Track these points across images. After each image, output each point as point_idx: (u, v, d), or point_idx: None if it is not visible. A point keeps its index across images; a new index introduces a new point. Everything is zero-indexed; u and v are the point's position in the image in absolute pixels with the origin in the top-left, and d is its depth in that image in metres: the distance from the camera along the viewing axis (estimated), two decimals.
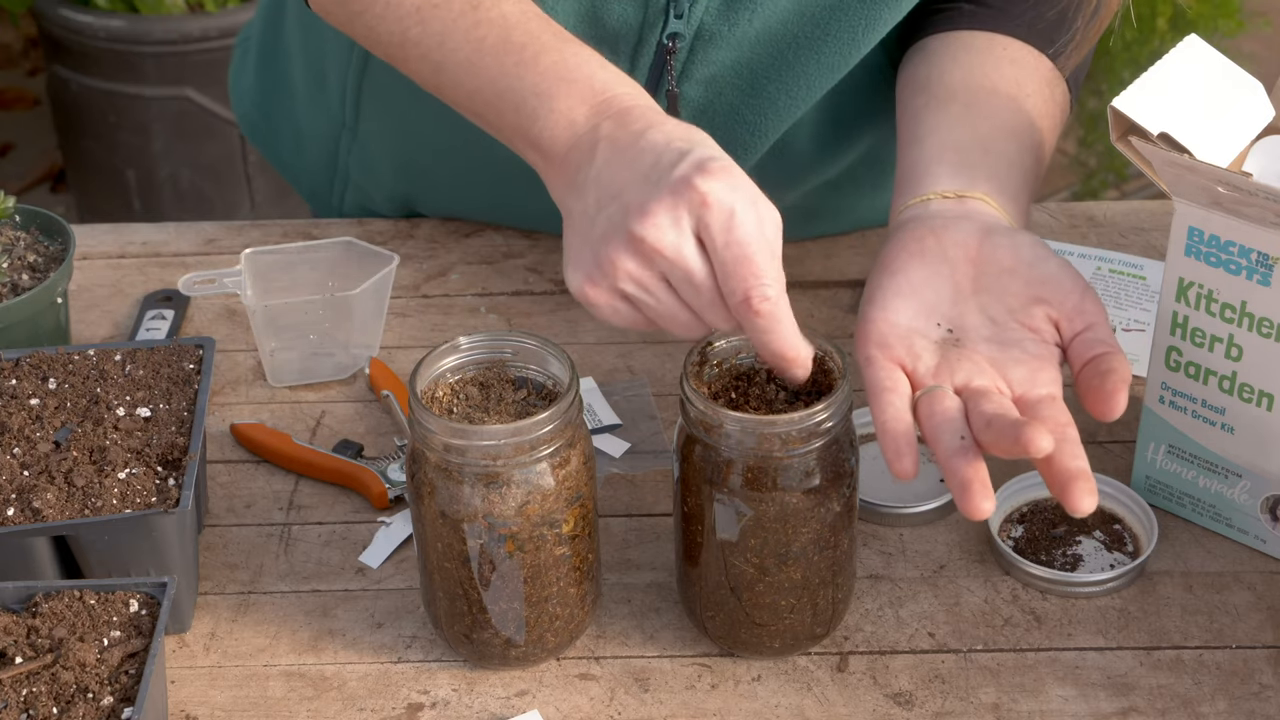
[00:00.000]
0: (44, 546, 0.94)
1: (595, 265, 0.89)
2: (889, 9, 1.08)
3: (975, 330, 0.92)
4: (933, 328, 0.92)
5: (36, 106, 3.27)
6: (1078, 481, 0.83)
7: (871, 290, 0.93)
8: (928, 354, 0.91)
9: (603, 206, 0.90)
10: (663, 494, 1.07)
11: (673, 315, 0.90)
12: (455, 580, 0.92)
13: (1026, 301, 0.92)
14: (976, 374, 0.89)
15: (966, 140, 1.02)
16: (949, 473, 0.84)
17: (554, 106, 0.96)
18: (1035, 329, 0.91)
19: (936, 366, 0.90)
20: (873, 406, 0.88)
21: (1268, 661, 0.95)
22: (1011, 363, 0.90)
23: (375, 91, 1.25)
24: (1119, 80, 2.58)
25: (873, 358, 0.90)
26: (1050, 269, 0.93)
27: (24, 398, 1.01)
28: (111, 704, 0.85)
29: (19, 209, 1.16)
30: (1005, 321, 0.91)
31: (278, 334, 1.15)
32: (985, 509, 0.83)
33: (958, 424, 0.86)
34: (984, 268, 0.93)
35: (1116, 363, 0.89)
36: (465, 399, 0.92)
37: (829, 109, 1.18)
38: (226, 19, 2.59)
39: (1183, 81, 0.95)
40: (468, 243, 1.30)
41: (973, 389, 0.88)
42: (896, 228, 0.97)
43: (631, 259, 0.88)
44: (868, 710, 0.92)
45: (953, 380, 0.89)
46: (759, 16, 1.08)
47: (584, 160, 0.93)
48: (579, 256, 0.91)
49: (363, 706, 0.93)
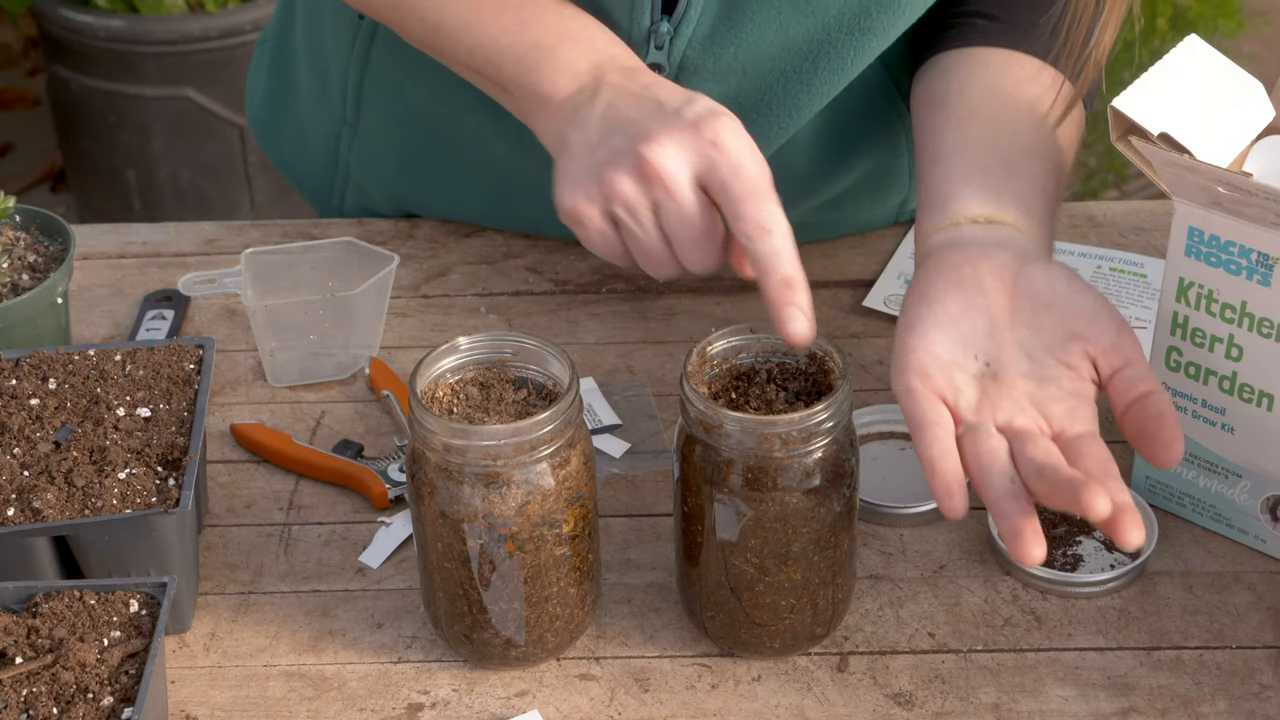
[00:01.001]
0: (44, 546, 0.94)
1: (594, 183, 0.93)
2: (876, 37, 1.07)
3: (1013, 365, 0.91)
4: (970, 360, 0.91)
5: (36, 106, 3.27)
6: (1126, 516, 0.82)
7: (909, 319, 0.92)
8: (968, 388, 0.89)
9: (606, 137, 0.93)
10: (663, 494, 1.07)
11: (651, 249, 0.94)
12: (455, 580, 0.92)
13: (1063, 337, 0.91)
14: (1018, 412, 0.88)
15: (992, 161, 1.01)
16: (1000, 516, 0.84)
17: (556, 57, 0.99)
18: (1072, 365, 0.90)
19: (978, 402, 0.89)
20: (918, 441, 0.87)
21: (1268, 661, 0.95)
22: (1050, 400, 0.89)
23: (376, 87, 1.25)
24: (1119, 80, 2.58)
25: (914, 389, 0.89)
26: (1086, 303, 0.91)
27: (24, 398, 1.01)
28: (111, 704, 0.85)
29: (19, 209, 1.16)
30: (1042, 357, 0.90)
31: (278, 334, 1.15)
32: (1038, 555, 0.82)
33: (1006, 466, 0.86)
34: (1020, 301, 0.92)
35: (1164, 405, 0.88)
36: (465, 399, 0.92)
37: (828, 131, 1.17)
38: (226, 19, 2.59)
39: (1183, 81, 0.95)
40: (468, 243, 1.30)
41: (1015, 428, 0.88)
42: (929, 253, 0.97)
43: (632, 181, 0.91)
44: (868, 710, 0.92)
45: (995, 417, 0.88)
46: (743, 50, 1.07)
47: (586, 100, 0.97)
48: (577, 177, 0.94)
49: (363, 706, 0.94)
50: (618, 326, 1.21)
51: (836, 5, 1.05)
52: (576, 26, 1.02)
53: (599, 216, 0.94)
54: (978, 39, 1.09)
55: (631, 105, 0.95)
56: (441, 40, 1.05)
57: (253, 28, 2.61)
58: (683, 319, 1.21)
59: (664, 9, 1.07)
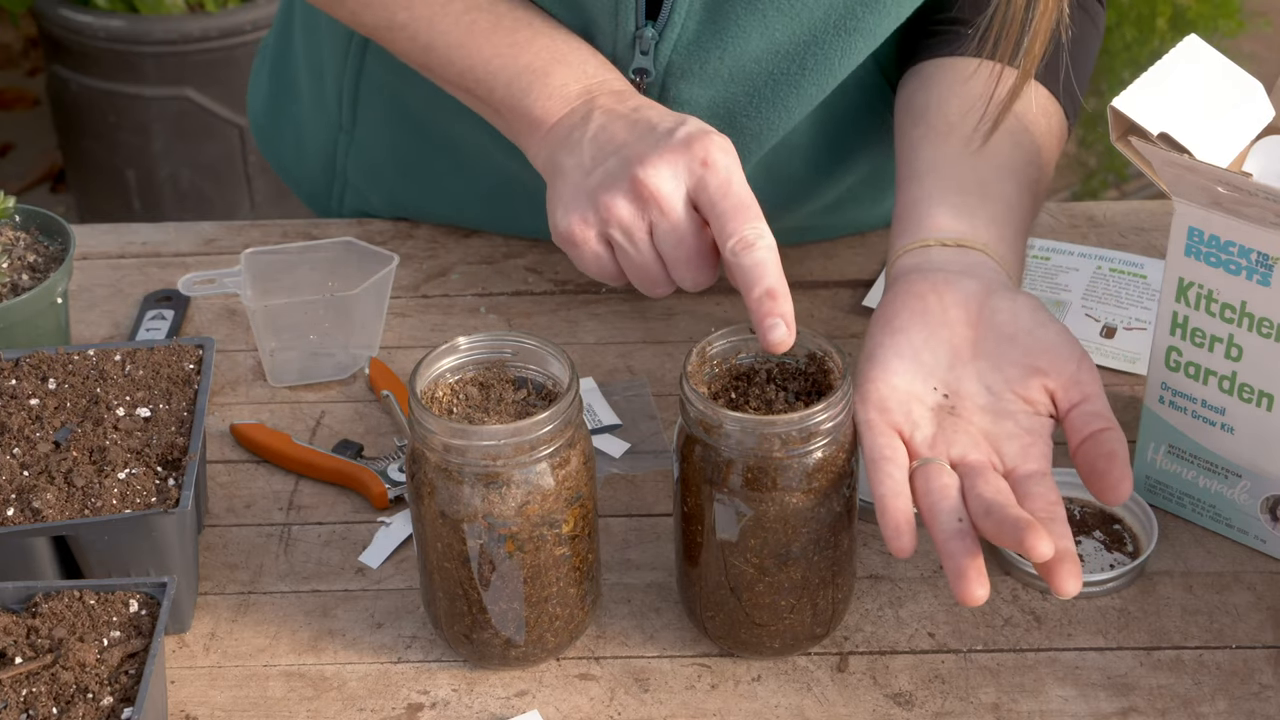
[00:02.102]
0: (44, 546, 0.94)
1: (589, 207, 0.94)
2: (863, 38, 1.07)
3: (971, 398, 0.92)
4: (929, 391, 0.92)
5: (36, 106, 3.27)
6: (1065, 564, 0.84)
7: (872, 347, 0.93)
8: (925, 423, 0.91)
9: (600, 161, 0.95)
10: (663, 494, 1.07)
11: (645, 268, 0.96)
12: (455, 580, 0.92)
13: (1024, 371, 0.92)
14: (971, 448, 0.90)
15: (967, 181, 1.02)
16: (945, 555, 0.85)
17: (548, 81, 1.01)
18: (1030, 400, 0.91)
19: (933, 437, 0.90)
20: (872, 476, 0.88)
21: (1268, 661, 0.95)
22: (1005, 437, 0.90)
23: (371, 94, 1.25)
24: (1119, 80, 2.58)
25: (872, 422, 0.90)
26: (1048, 337, 0.92)
27: (24, 398, 1.01)
28: (111, 704, 0.85)
29: (19, 209, 1.16)
30: (1001, 391, 0.92)
31: (278, 334, 1.15)
32: (980, 596, 0.83)
33: (955, 505, 0.87)
34: (984, 332, 0.93)
35: (1116, 444, 0.89)
36: (465, 399, 0.92)
37: (824, 134, 1.17)
38: (226, 19, 2.59)
39: (1183, 81, 0.95)
40: (468, 243, 1.30)
41: (968, 464, 0.89)
42: (897, 276, 0.97)
43: (628, 203, 0.93)
44: (868, 710, 0.92)
45: (949, 453, 0.90)
46: (730, 54, 1.07)
47: (578, 123, 0.98)
48: (571, 201, 0.96)
49: (363, 707, 0.93)
50: (618, 326, 1.21)
51: (822, 7, 1.05)
52: (567, 49, 1.03)
53: (594, 239, 0.95)
54: (960, 48, 1.09)
55: (623, 128, 0.96)
56: (434, 61, 1.06)
57: (253, 28, 2.61)
58: (683, 319, 1.21)
59: (648, 14, 1.07)
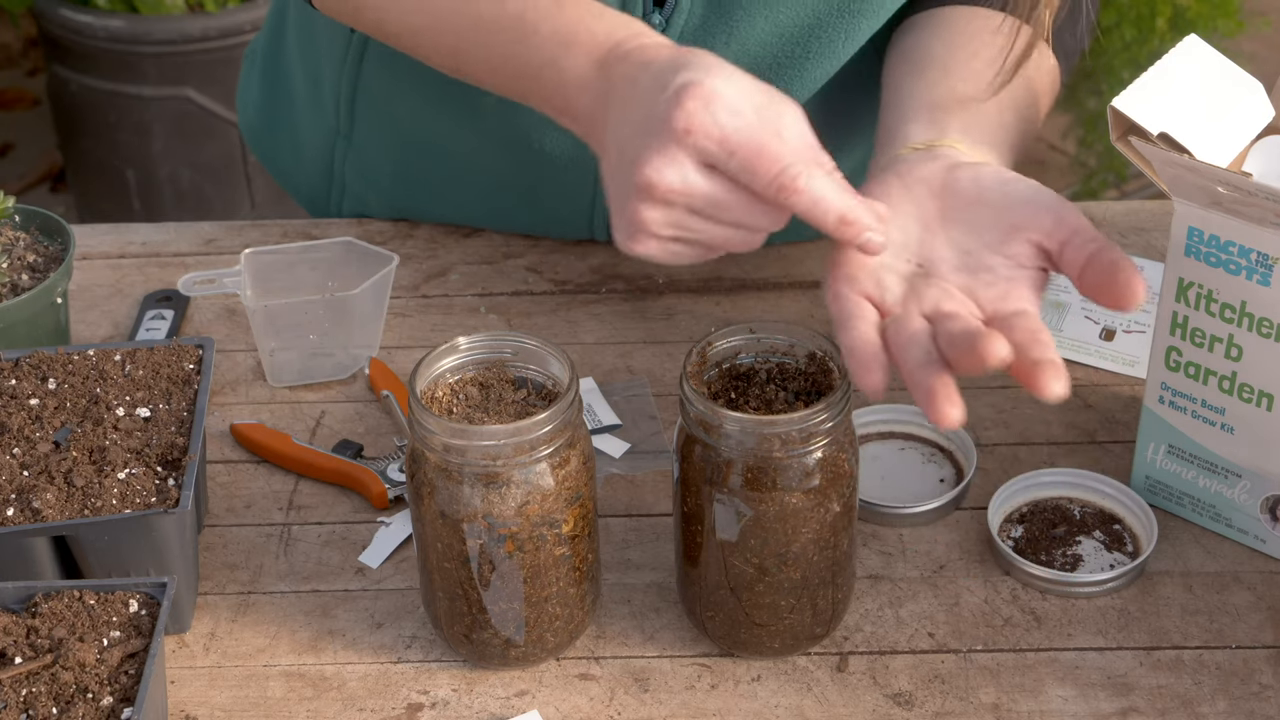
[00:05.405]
0: (44, 546, 0.94)
1: (629, 224, 0.91)
2: (867, 19, 1.08)
3: (945, 261, 0.91)
4: (902, 264, 0.91)
5: (36, 106, 3.27)
6: (1044, 367, 0.82)
7: None
8: (896, 286, 0.90)
9: (620, 166, 0.92)
10: (663, 494, 1.07)
11: (726, 236, 0.91)
12: (455, 580, 0.92)
13: (1004, 232, 0.91)
14: (945, 299, 0.89)
15: (943, 98, 1.02)
16: (913, 386, 0.84)
17: (563, 72, 0.97)
18: (1012, 256, 0.90)
19: (904, 296, 0.90)
20: (839, 334, 0.87)
21: (1268, 661, 0.95)
22: (982, 286, 0.90)
23: (368, 98, 1.25)
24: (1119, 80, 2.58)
25: (840, 293, 0.90)
26: (1019, 191, 0.91)
27: (24, 398, 1.01)
28: (111, 704, 0.85)
29: (19, 209, 1.16)
30: (979, 252, 0.91)
31: (278, 334, 1.15)
32: (953, 416, 0.82)
33: (924, 342, 0.86)
34: (950, 201, 0.93)
35: (1116, 254, 0.87)
36: (465, 399, 0.92)
37: (822, 120, 1.17)
38: (226, 19, 2.59)
39: (1183, 81, 0.95)
40: (468, 243, 1.30)
41: (942, 312, 0.88)
42: (865, 181, 0.98)
43: (653, 208, 0.89)
44: (868, 710, 0.92)
45: (921, 307, 0.89)
46: (735, 40, 1.07)
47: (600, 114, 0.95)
48: (617, 218, 0.92)
49: (363, 706, 0.93)
50: (617, 326, 1.21)
51: None
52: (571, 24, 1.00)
53: (655, 245, 0.92)
54: None
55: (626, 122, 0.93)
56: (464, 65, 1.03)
57: (252, 28, 2.61)
58: (683, 319, 1.21)
59: (656, 1, 1.07)
